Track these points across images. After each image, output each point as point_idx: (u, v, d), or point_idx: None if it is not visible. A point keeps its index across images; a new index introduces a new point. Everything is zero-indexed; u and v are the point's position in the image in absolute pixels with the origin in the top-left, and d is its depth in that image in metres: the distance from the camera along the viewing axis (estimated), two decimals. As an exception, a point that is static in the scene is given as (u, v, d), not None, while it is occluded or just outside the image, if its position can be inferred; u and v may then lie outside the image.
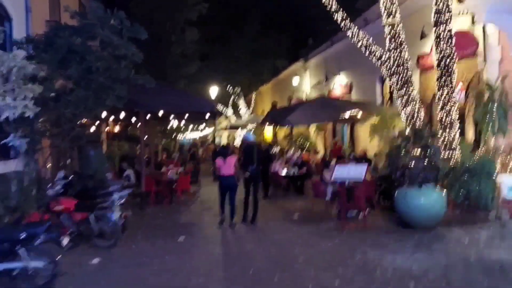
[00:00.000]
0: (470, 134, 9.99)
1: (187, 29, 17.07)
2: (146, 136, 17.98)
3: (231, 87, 27.77)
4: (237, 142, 28.73)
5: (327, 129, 18.30)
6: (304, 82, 20.98)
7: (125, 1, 7.78)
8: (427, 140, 7.39)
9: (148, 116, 12.30)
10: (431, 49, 11.41)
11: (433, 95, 11.77)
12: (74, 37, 6.66)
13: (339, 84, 16.82)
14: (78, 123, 7.89)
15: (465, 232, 7.36)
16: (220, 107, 27.85)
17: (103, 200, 7.90)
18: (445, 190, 7.80)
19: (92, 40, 7.07)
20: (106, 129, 18.08)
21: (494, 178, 8.12)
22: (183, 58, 18.00)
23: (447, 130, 8.42)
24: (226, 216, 8.77)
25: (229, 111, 28.32)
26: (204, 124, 26.55)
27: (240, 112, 28.11)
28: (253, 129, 22.36)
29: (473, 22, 10.04)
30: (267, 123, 14.26)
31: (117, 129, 19.11)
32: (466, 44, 9.87)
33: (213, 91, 22.49)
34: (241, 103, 28.15)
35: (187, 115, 12.74)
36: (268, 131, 24.51)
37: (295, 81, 20.59)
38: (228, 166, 8.43)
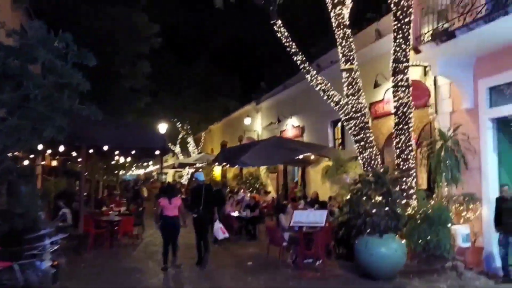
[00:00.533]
0: (423, 183, 10.04)
1: (138, 62, 16.38)
2: (87, 172, 16.68)
3: (180, 124, 27.02)
4: (184, 181, 27.73)
5: (278, 170, 18.01)
6: (255, 123, 20.82)
7: (71, 28, 6.97)
8: (389, 186, 7.18)
9: (91, 150, 11.31)
10: (383, 97, 11.68)
11: (385, 141, 11.95)
12: (10, 59, 5.78)
13: (291, 126, 16.77)
14: (9, 155, 6.88)
15: (425, 283, 7.11)
16: (168, 144, 27.11)
17: (31, 246, 6.80)
18: (404, 239, 7.56)
19: (31, 64, 6.22)
20: (42, 163, 16.55)
21: (449, 227, 8.05)
22: (133, 92, 17.19)
23: (404, 177, 8.31)
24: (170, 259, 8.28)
25: (177, 149, 27.41)
26: (151, 161, 25.53)
27: (189, 150, 27.31)
28: (201, 168, 21.62)
29: (425, 73, 10.36)
30: (218, 162, 13.67)
31: (54, 163, 17.56)
32: (419, 94, 10.10)
33: (162, 127, 21.67)
34: (190, 141, 27.41)
35: (134, 151, 11.88)
36: (217, 171, 23.86)
37: (247, 121, 20.38)
38: (173, 207, 8.02)
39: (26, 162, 13.03)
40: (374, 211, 7.20)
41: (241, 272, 8.25)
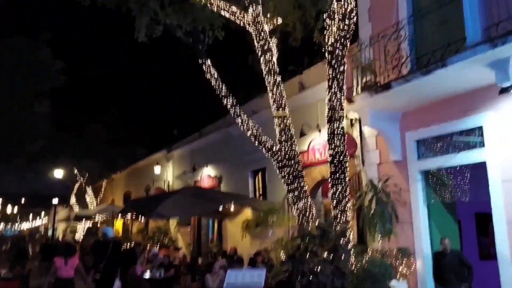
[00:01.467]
0: (354, 237, 9.56)
1: (37, 101, 14.21)
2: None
3: (77, 172, 23.95)
4: (78, 237, 24.20)
5: (192, 224, 16.46)
6: (166, 172, 19.24)
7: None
8: (336, 241, 6.41)
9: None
10: (308, 147, 11.35)
11: (310, 192, 11.49)
12: None
13: (207, 176, 15.64)
14: None
15: None
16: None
17: None
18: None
19: None
20: None
21: (388, 284, 7.48)
22: (28, 133, 14.72)
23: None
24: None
25: (72, 199, 24.14)
26: (42, 212, 21.92)
27: (86, 200, 24.14)
28: (102, 222, 19.03)
29: (351, 124, 10.28)
30: (126, 213, 11.86)
31: None
32: (346, 145, 9.90)
33: (58, 173, 18.84)
34: (89, 191, 24.32)
35: (24, 198, 9.63)
36: (118, 225, 21.25)
37: (157, 170, 18.72)
38: (70, 267, 7.27)
39: None
40: (318, 269, 6.30)
41: None
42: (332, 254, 6.39)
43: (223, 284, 7.59)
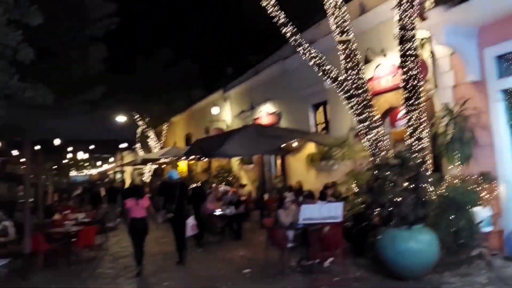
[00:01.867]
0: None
1: (92, 45, 14.18)
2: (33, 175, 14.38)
3: (139, 117, 24.66)
4: (146, 178, 25.61)
5: (254, 161, 16.60)
6: (224, 112, 19.24)
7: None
8: (418, 170, 6.01)
9: (37, 147, 9.35)
10: (373, 74, 10.60)
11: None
12: None
13: (266, 113, 15.39)
14: None
15: (460, 278, 6.06)
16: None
17: None
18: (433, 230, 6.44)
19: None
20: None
21: (472, 211, 7.06)
22: (86, 80, 14.98)
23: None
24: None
25: (137, 144, 25.18)
26: (112, 157, 23.12)
27: (149, 144, 25.08)
28: (166, 164, 19.79)
29: (421, 45, 9.35)
30: (191, 155, 12.06)
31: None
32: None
33: (121, 119, 19.42)
34: (151, 135, 25.18)
35: (93, 145, 9.99)
36: (182, 166, 22.06)
37: (214, 111, 18.74)
38: (141, 208, 7.59)
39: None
40: (399, 199, 5.99)
41: (242, 282, 6.82)
42: (412, 184, 6.02)
43: (296, 218, 7.58)
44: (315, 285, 6.36)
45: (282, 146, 11.32)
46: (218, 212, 10.44)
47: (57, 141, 7.72)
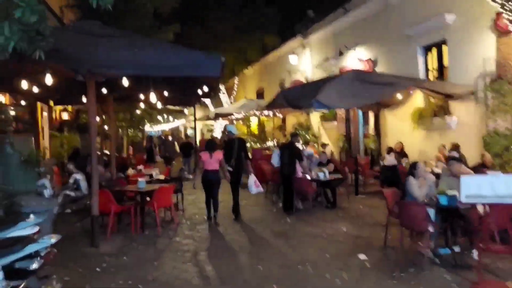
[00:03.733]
0: None
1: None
2: (105, 125, 13.28)
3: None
4: (217, 134, 24.28)
5: (338, 117, 14.28)
6: (303, 62, 16.83)
7: None
8: None
9: (104, 91, 7.85)
10: None
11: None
12: None
13: (356, 61, 12.81)
14: None
15: None
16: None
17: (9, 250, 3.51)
18: None
19: None
20: (51, 116, 13.27)
21: None
22: (157, 20, 13.40)
23: None
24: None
25: (207, 100, 23.67)
26: (186, 109, 21.84)
27: (221, 99, 23.46)
28: (237, 120, 18.07)
29: None
30: (275, 106, 10.06)
31: (65, 116, 14.20)
32: None
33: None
34: (222, 89, 23.49)
35: (166, 93, 8.29)
36: (253, 123, 20.26)
37: (292, 60, 16.39)
38: (215, 161, 7.70)
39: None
40: None
41: (363, 276, 4.84)
42: None
43: (432, 191, 5.38)
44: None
45: (390, 95, 8.89)
46: (308, 177, 8.43)
47: (125, 82, 6.49)
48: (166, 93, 8.07)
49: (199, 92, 7.58)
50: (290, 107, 9.34)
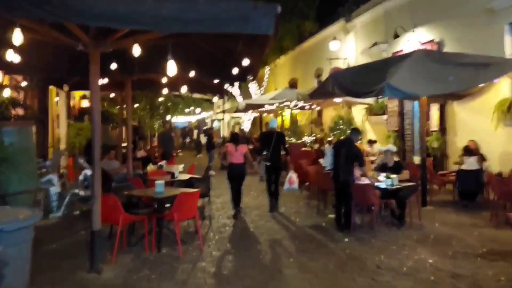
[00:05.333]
0: None
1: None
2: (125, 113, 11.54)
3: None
4: (245, 128, 22.42)
5: (387, 110, 12.10)
6: (345, 48, 14.67)
7: None
8: None
9: (114, 66, 6.11)
10: None
11: None
12: None
13: (417, 43, 10.57)
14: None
15: None
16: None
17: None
18: None
19: None
20: (69, 103, 11.71)
21: None
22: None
23: None
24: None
25: (236, 91, 21.81)
26: (215, 98, 20.02)
27: (250, 91, 21.49)
28: (274, 112, 16.10)
29: None
30: (322, 96, 8.07)
31: (85, 103, 12.59)
32: None
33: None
34: (251, 81, 21.50)
35: (193, 72, 6.38)
36: (286, 116, 18.23)
37: (334, 46, 14.25)
38: (239, 154, 7.46)
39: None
40: None
41: None
42: None
43: None
44: None
45: (493, 78, 6.70)
46: (377, 182, 6.42)
47: (136, 51, 4.94)
48: (192, 73, 6.18)
49: (235, 71, 5.65)
50: (345, 94, 7.35)
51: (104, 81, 7.38)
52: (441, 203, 8.24)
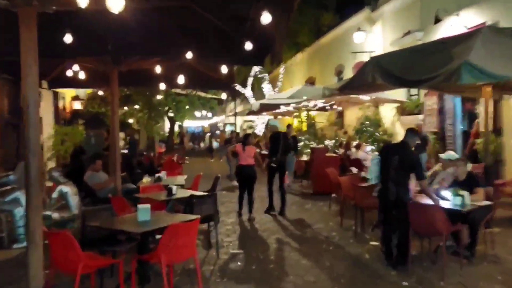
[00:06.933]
0: None
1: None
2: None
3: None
4: (259, 131, 20.66)
5: (424, 107, 10.24)
6: (370, 40, 12.87)
7: None
8: None
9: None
10: None
11: None
12: None
13: (462, 28, 8.73)
14: None
15: None
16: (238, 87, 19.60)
17: None
18: None
19: None
20: (57, 104, 10.18)
21: None
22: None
23: None
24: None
25: (248, 91, 20.10)
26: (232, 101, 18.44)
27: (264, 92, 19.74)
28: (285, 113, 14.36)
29: None
30: (357, 88, 6.34)
31: (77, 105, 11.02)
32: None
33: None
34: (265, 81, 19.78)
35: (190, 54, 4.72)
36: (303, 117, 16.41)
37: (358, 38, 12.47)
38: (247, 155, 7.29)
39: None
40: None
41: None
42: None
43: None
44: None
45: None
46: (428, 201, 4.64)
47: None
48: (189, 55, 4.48)
49: (249, 46, 3.95)
50: (391, 85, 5.59)
51: (82, 74, 5.79)
52: (506, 222, 6.38)
